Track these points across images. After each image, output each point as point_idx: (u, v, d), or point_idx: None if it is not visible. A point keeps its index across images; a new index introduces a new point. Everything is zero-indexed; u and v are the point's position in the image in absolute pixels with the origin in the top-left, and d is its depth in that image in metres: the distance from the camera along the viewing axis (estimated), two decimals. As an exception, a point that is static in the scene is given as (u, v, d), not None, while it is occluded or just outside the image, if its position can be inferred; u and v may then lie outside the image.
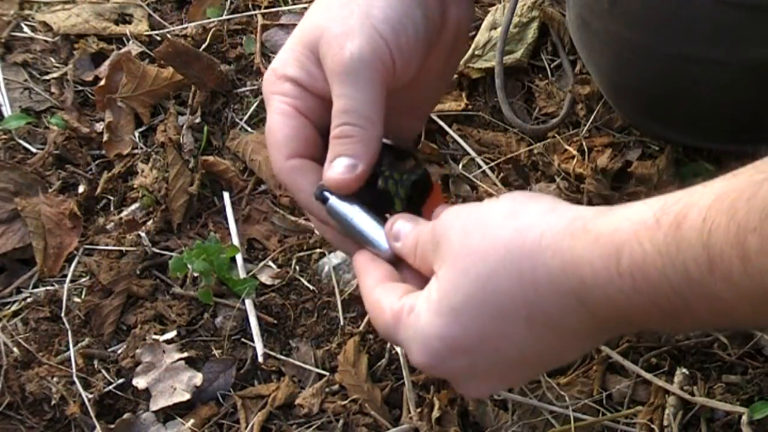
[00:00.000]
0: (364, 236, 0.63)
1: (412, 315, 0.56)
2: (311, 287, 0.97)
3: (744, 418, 0.81)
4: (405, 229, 0.61)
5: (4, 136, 1.12)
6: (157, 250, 1.01)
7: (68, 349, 0.93)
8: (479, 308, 0.53)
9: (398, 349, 0.90)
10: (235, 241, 1.00)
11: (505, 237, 0.52)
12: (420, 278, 0.60)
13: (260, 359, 0.92)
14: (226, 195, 1.05)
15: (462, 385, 0.59)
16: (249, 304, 0.95)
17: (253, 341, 0.94)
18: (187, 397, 0.89)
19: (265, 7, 1.24)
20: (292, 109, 0.65)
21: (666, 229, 0.46)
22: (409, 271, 0.62)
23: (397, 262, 0.63)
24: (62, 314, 0.96)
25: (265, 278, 0.98)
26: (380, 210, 0.64)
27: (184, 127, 1.10)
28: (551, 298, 0.51)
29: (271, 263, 0.99)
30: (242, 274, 0.97)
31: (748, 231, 0.42)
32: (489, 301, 0.53)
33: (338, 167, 0.62)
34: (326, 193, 0.63)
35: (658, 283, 0.47)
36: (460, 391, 0.65)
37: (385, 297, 0.59)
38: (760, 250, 0.42)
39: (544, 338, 0.54)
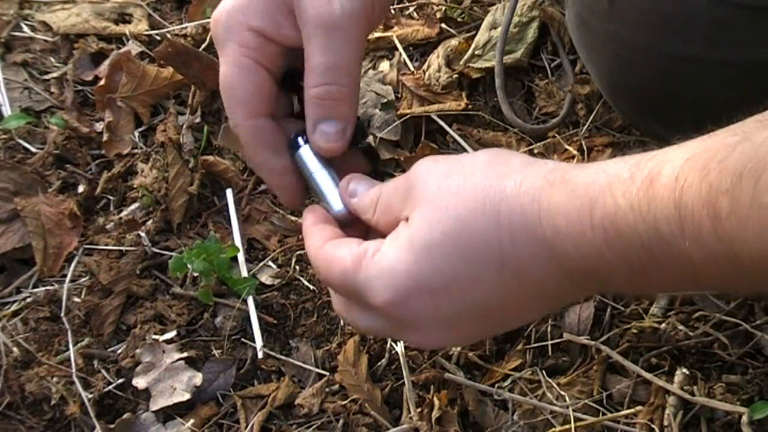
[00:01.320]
0: (320, 192, 0.63)
1: (377, 254, 0.55)
2: (311, 287, 0.97)
3: (744, 418, 0.81)
4: (361, 187, 0.61)
5: (4, 136, 1.12)
6: (157, 250, 1.01)
7: (68, 349, 0.93)
8: (454, 248, 0.52)
9: (398, 349, 0.90)
10: (237, 238, 1.00)
11: (486, 180, 0.52)
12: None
13: (260, 355, 0.92)
14: (229, 192, 1.05)
15: (418, 332, 0.57)
16: (250, 302, 0.95)
17: (253, 341, 0.94)
18: (187, 397, 0.89)
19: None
20: (253, 62, 0.62)
21: (639, 184, 0.46)
22: (357, 235, 0.61)
23: (346, 225, 0.62)
24: (62, 314, 0.96)
25: (265, 278, 0.98)
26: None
27: (184, 126, 1.10)
28: (525, 245, 0.51)
29: (271, 263, 0.99)
30: (244, 273, 0.97)
31: (720, 192, 0.42)
32: (464, 243, 0.52)
33: (329, 131, 0.62)
34: (300, 140, 0.63)
35: (629, 238, 0.47)
36: (414, 342, 0.61)
37: (339, 248, 0.57)
38: (731, 211, 0.41)
39: (512, 289, 0.53)
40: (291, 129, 0.66)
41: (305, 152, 0.63)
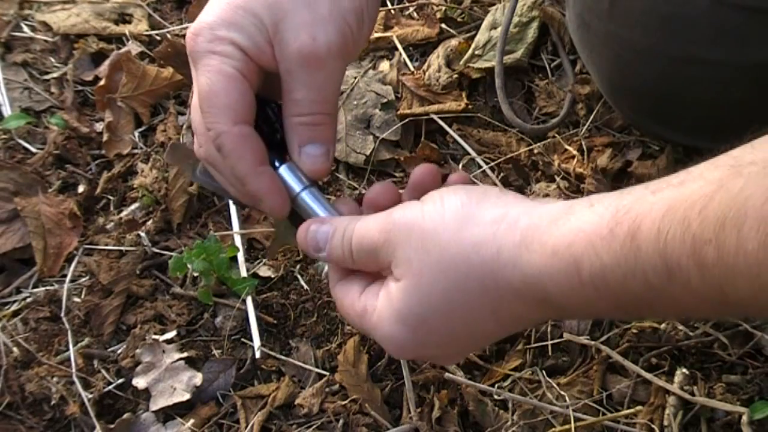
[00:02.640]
0: (310, 214, 0.65)
1: (375, 318, 0.59)
2: (311, 287, 0.97)
3: (744, 418, 0.81)
4: (321, 236, 0.62)
5: (4, 136, 1.12)
6: (157, 250, 1.01)
7: (68, 349, 0.93)
8: (447, 316, 0.56)
9: (398, 349, 0.90)
10: (237, 238, 1.00)
11: (463, 253, 0.54)
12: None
13: (258, 355, 0.92)
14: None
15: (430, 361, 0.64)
16: (249, 302, 0.95)
17: (253, 341, 0.94)
18: (187, 397, 0.89)
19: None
20: (238, 72, 0.62)
21: (621, 240, 0.47)
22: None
23: None
24: (62, 314, 0.96)
25: (263, 271, 0.98)
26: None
27: (184, 126, 1.10)
28: (517, 305, 0.54)
29: (271, 263, 0.99)
30: (243, 273, 0.97)
31: (703, 242, 0.43)
32: (457, 311, 0.55)
33: (315, 153, 0.64)
34: (275, 162, 0.65)
35: (621, 290, 0.48)
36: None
37: (345, 296, 0.62)
38: (717, 259, 0.43)
39: (509, 327, 0.58)
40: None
41: (285, 171, 0.65)
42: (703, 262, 0.43)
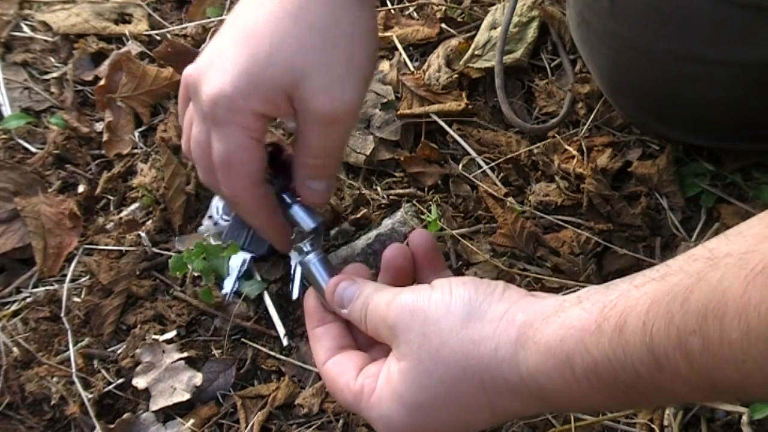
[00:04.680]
0: (317, 284, 0.72)
1: (373, 398, 0.60)
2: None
3: (744, 418, 0.81)
4: (348, 295, 0.66)
5: (3, 136, 1.12)
6: (157, 250, 1.01)
7: (68, 349, 0.93)
8: (445, 406, 0.57)
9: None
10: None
11: (463, 348, 0.56)
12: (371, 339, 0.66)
13: (285, 343, 0.93)
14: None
15: None
16: (266, 295, 0.96)
17: (253, 341, 0.94)
18: (187, 397, 0.89)
19: (265, 7, 1.23)
20: (255, 141, 0.68)
21: (609, 335, 0.49)
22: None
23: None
24: (62, 314, 0.96)
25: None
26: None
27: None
28: (514, 401, 0.56)
29: (271, 263, 0.99)
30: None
31: (688, 333, 0.45)
32: (455, 403, 0.57)
33: (317, 188, 0.73)
34: (285, 197, 0.77)
35: (613, 383, 0.50)
36: None
37: (340, 375, 0.64)
38: (703, 349, 0.45)
39: (504, 419, 0.64)
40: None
41: (296, 211, 0.78)
42: (689, 353, 0.45)
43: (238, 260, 0.95)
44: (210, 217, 1.00)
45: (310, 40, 0.64)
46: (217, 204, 0.98)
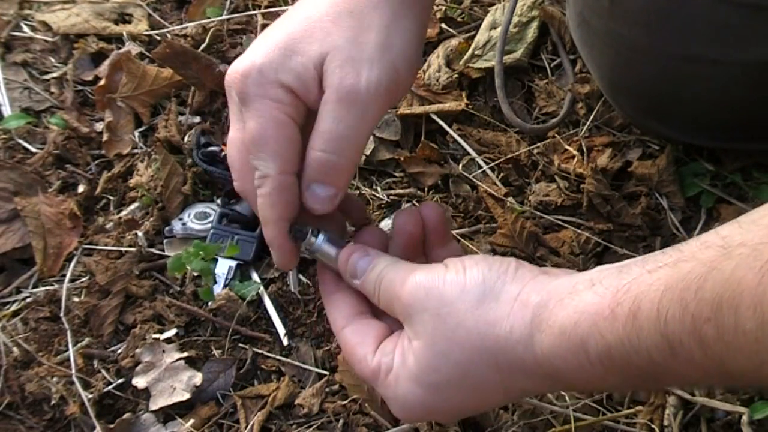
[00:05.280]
0: (330, 259, 0.66)
1: (390, 377, 0.60)
2: (311, 287, 0.97)
3: (744, 418, 0.81)
4: (361, 266, 0.64)
5: (3, 136, 1.12)
6: (156, 251, 1.01)
7: (68, 349, 0.93)
8: (460, 386, 0.58)
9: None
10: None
11: (478, 329, 0.56)
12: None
13: (285, 342, 0.93)
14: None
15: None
16: (265, 295, 0.96)
17: (254, 343, 0.94)
18: (186, 396, 0.89)
19: (265, 7, 1.24)
20: (288, 117, 0.62)
21: (623, 320, 0.50)
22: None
23: None
24: (62, 314, 0.96)
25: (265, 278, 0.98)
26: None
27: (184, 126, 1.10)
28: (527, 380, 0.57)
29: (271, 262, 0.99)
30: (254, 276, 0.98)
31: (702, 321, 0.46)
32: (470, 383, 0.57)
33: (321, 194, 0.64)
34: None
35: (627, 367, 0.51)
36: None
37: (358, 345, 0.63)
38: (717, 337, 0.45)
39: (516, 398, 0.65)
40: None
41: (321, 243, 0.66)
42: (703, 340, 0.46)
43: (224, 267, 0.97)
44: (180, 219, 1.01)
45: (346, 21, 0.62)
46: (190, 210, 1.01)
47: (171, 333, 0.94)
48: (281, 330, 0.94)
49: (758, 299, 0.43)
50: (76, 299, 0.97)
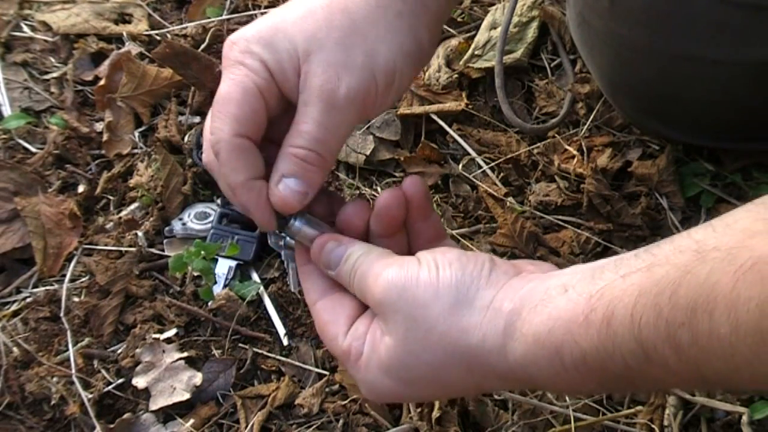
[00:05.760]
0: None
1: (360, 361, 0.60)
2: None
3: (744, 418, 0.81)
4: (335, 257, 0.63)
5: (4, 136, 1.12)
6: (156, 251, 1.01)
7: (68, 349, 0.93)
8: (430, 383, 0.58)
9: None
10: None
11: (450, 335, 0.56)
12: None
13: (285, 342, 0.93)
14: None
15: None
16: (265, 295, 0.96)
17: (253, 344, 0.94)
18: (186, 396, 0.89)
19: (265, 7, 1.24)
20: (257, 89, 0.62)
21: (597, 326, 0.49)
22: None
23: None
24: (62, 314, 0.96)
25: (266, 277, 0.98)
26: None
27: (184, 126, 1.10)
28: (500, 383, 0.57)
29: (271, 262, 0.99)
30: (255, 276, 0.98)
31: (677, 326, 0.45)
32: (440, 382, 0.58)
33: (294, 188, 0.63)
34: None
35: (602, 373, 0.51)
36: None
37: (330, 323, 0.63)
38: (692, 342, 0.45)
39: (488, 391, 0.65)
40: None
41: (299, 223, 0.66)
42: (678, 345, 0.46)
43: (224, 267, 0.97)
44: (180, 219, 1.01)
45: (338, 20, 0.62)
46: (190, 210, 1.01)
47: (171, 333, 0.94)
48: (281, 330, 0.94)
49: (732, 303, 0.42)
50: (76, 299, 0.97)
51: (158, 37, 1.21)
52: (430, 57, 0.70)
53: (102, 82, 1.14)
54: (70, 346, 0.93)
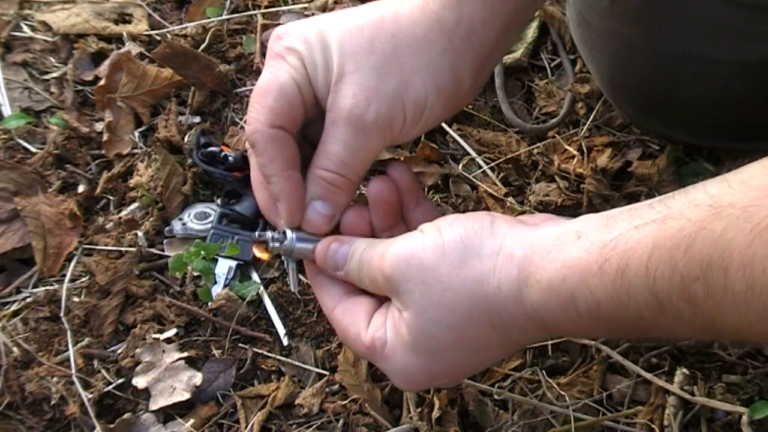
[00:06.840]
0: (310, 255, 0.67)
1: (386, 350, 0.60)
2: (311, 287, 0.97)
3: (744, 418, 0.81)
4: (341, 256, 0.64)
5: (4, 136, 1.12)
6: (156, 251, 1.01)
7: (68, 349, 0.93)
8: (457, 349, 0.58)
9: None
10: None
11: (466, 289, 0.56)
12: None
13: (285, 342, 0.93)
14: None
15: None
16: (265, 295, 0.96)
17: (254, 343, 0.94)
18: (186, 396, 0.89)
19: (265, 7, 1.24)
20: (295, 84, 0.63)
21: (612, 277, 0.50)
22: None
23: None
24: (62, 314, 0.96)
25: (265, 278, 0.98)
26: None
27: (184, 126, 1.10)
28: (521, 334, 0.57)
29: (271, 262, 0.99)
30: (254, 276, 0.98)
31: (692, 280, 0.46)
32: (466, 344, 0.58)
33: (322, 212, 0.65)
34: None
35: (616, 321, 0.51)
36: None
37: (350, 325, 0.63)
38: (706, 296, 0.46)
39: (513, 351, 0.68)
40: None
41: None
42: (692, 299, 0.46)
43: (224, 267, 0.97)
44: (180, 219, 1.01)
45: (380, 44, 0.62)
46: (190, 210, 1.02)
47: (171, 333, 0.94)
48: (281, 330, 0.94)
49: (748, 261, 0.43)
50: (76, 299, 0.97)
51: (158, 37, 1.21)
52: (469, 99, 0.70)
53: (102, 82, 1.14)
54: (70, 346, 0.93)
